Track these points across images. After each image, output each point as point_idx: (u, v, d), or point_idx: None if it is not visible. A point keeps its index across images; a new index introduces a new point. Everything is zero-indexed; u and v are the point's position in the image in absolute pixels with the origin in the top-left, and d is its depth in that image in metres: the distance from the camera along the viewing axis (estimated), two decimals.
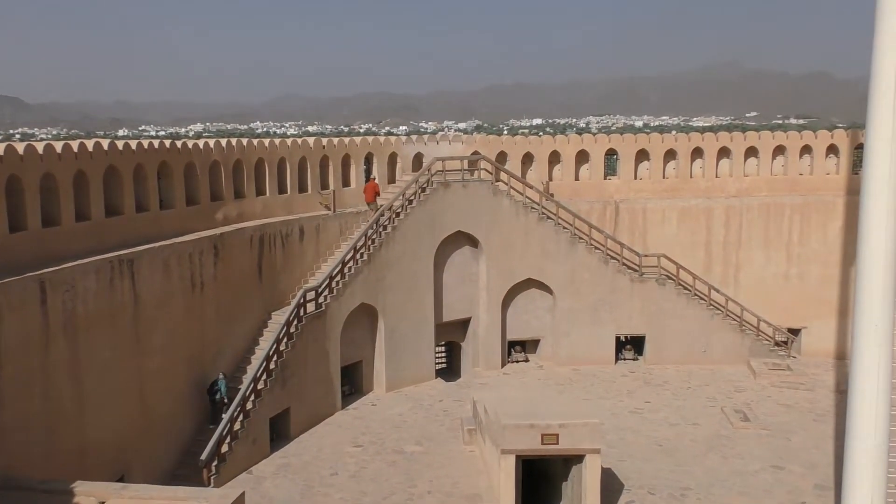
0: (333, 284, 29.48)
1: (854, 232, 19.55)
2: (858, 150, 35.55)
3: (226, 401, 24.93)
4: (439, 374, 34.47)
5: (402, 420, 29.01)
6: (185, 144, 26.55)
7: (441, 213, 33.11)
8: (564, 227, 34.92)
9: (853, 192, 33.76)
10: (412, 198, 32.63)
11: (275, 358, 26.31)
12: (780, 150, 37.41)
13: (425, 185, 33.06)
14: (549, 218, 34.86)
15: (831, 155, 37.15)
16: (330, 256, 31.17)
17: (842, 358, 34.96)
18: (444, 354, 36.69)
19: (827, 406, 30.22)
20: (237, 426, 24.43)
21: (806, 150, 37.24)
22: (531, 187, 35.32)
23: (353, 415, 29.62)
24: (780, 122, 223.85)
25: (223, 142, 28.54)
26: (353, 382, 31.59)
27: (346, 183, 33.84)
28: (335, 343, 29.56)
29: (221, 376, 25.29)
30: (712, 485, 23.99)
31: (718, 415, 29.59)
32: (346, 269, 30.05)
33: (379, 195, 33.43)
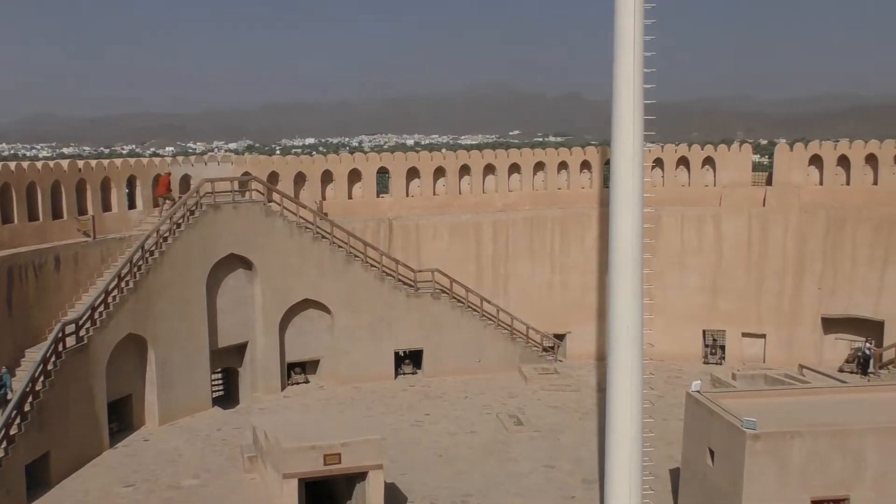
0: (96, 315, 27.61)
1: (607, 241, 21.23)
2: (608, 165, 38.61)
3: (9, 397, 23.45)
4: (217, 401, 33.26)
5: (177, 454, 27.67)
6: None
7: (212, 236, 32.07)
8: (340, 246, 35.00)
9: (605, 205, 36.62)
10: (180, 221, 31.36)
11: (30, 399, 24.17)
12: (540, 166, 39.80)
13: (194, 208, 31.90)
14: (324, 237, 34.80)
15: (585, 170, 40.05)
16: (92, 286, 29.16)
17: (602, 359, 37.48)
18: (220, 381, 35.47)
19: (591, 405, 32.40)
20: None
21: (563, 165, 39.89)
22: (305, 207, 35.11)
23: (123, 453, 27.83)
24: (541, 139, 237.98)
25: None
26: (123, 418, 29.71)
27: (106, 208, 31.90)
28: (100, 378, 27.67)
29: (5, 370, 23.81)
30: (490, 489, 24.94)
31: (494, 421, 30.82)
32: (110, 299, 28.25)
33: (171, 190, 32.55)
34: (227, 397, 34.92)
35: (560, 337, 38.87)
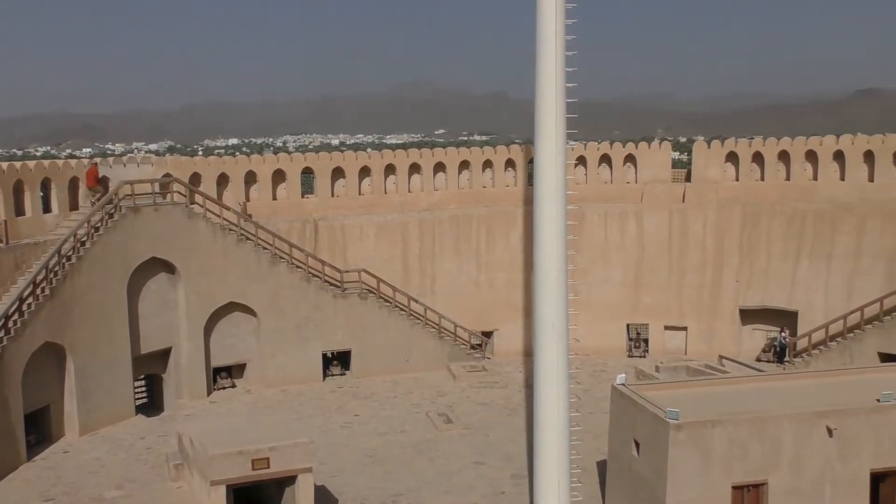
0: (10, 324, 26.64)
1: (532, 239, 21.48)
2: (532, 163, 39.08)
3: None
4: (140, 409, 32.47)
5: (99, 465, 26.92)
6: None
7: (132, 240, 31.28)
8: (265, 248, 34.56)
9: (530, 203, 37.00)
10: (98, 225, 30.50)
11: None
12: (465, 164, 40.01)
13: (113, 211, 31.07)
14: (248, 239, 34.30)
15: (510, 168, 40.44)
16: (5, 294, 28.09)
17: (529, 355, 37.92)
18: (144, 388, 34.62)
19: (519, 401, 32.75)
20: None
21: (488, 164, 40.20)
22: (228, 208, 34.55)
23: (41, 466, 26.93)
24: (466, 138, 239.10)
25: None
26: (41, 430, 28.74)
27: (20, 212, 30.79)
28: (15, 389, 26.70)
29: None
30: (421, 488, 24.99)
31: (424, 420, 30.88)
32: (24, 307, 27.30)
33: (100, 181, 32.02)
34: (151, 405, 34.11)
35: (487, 334, 39.16)
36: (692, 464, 19.82)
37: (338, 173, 38.37)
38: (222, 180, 36.37)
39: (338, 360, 36.60)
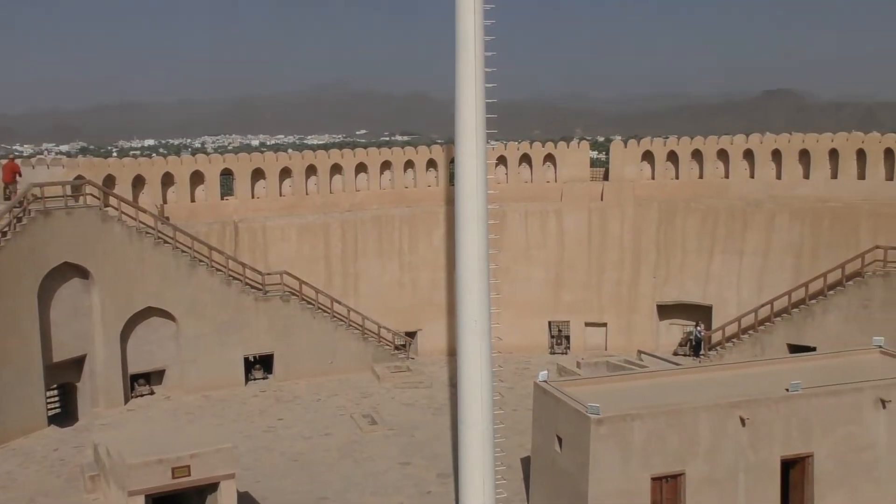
0: None
1: (454, 238, 21.60)
2: (454, 163, 39.29)
3: None
4: (53, 420, 31.39)
5: (10, 479, 25.94)
6: None
7: (43, 245, 30.22)
8: (183, 251, 33.84)
9: (452, 202, 37.19)
10: (6, 229, 29.39)
11: None
12: (387, 165, 39.95)
13: (21, 215, 29.97)
14: (166, 242, 33.54)
15: (431, 168, 40.56)
16: None
17: (453, 354, 38.09)
18: (56, 398, 33.46)
19: (444, 400, 32.89)
20: None
21: (409, 164, 40.23)
22: (145, 211, 33.71)
23: None
24: (387, 138, 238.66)
25: None
26: None
27: None
28: None
29: None
30: (347, 490, 24.87)
31: (348, 422, 30.73)
32: None
33: (20, 175, 31.64)
34: (65, 414, 33.01)
35: (411, 334, 39.19)
36: (613, 457, 20.23)
37: (258, 174, 37.85)
38: (138, 182, 35.46)
39: (260, 364, 36.11)
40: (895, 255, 33.25)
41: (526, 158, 40.95)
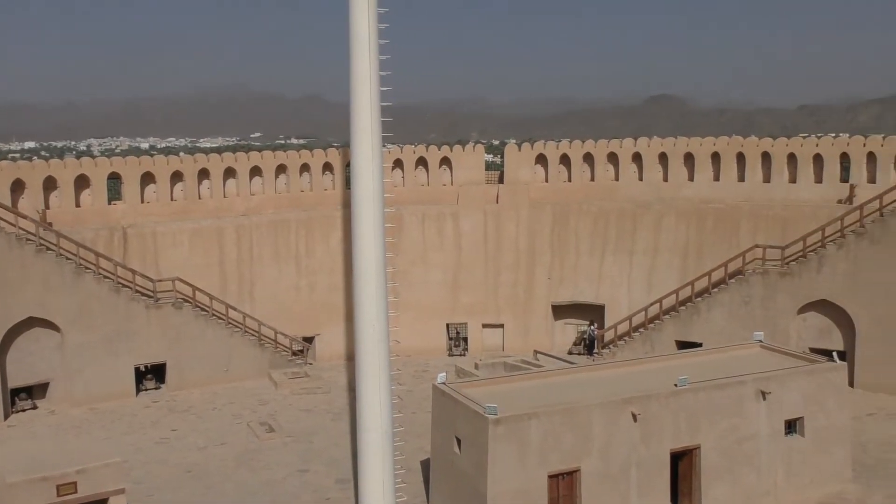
0: None
1: (351, 242, 21.47)
2: (350, 167, 39.08)
3: None
4: None
5: None
6: None
7: None
8: (68, 258, 32.50)
9: (349, 206, 36.98)
10: None
11: None
12: (282, 168, 39.40)
13: None
14: (49, 249, 32.14)
15: (328, 172, 40.23)
16: None
17: (352, 358, 37.82)
18: None
19: (342, 405, 32.65)
20: None
21: (305, 168, 39.80)
22: (25, 217, 32.22)
23: None
24: (283, 142, 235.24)
25: None
26: None
27: None
28: None
29: None
30: (243, 500, 24.40)
31: (245, 430, 30.14)
32: None
33: None
34: None
35: (309, 339, 38.77)
36: (511, 456, 20.53)
37: (148, 178, 36.70)
38: (17, 187, 33.84)
39: (152, 374, 35.02)
40: (773, 254, 34.93)
41: (422, 161, 41.13)
